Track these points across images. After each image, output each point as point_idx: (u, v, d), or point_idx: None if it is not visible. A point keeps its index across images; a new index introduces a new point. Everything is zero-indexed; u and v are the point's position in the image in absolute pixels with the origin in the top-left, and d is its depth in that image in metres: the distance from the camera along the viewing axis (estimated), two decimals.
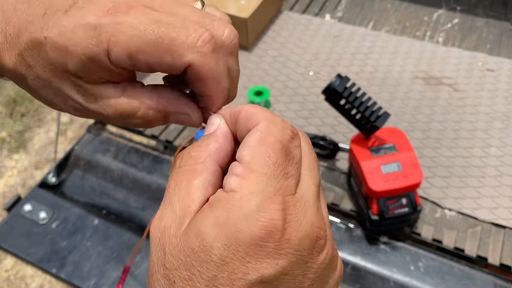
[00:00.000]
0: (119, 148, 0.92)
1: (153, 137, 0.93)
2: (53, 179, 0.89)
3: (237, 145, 0.26)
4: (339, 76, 0.70)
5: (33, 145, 1.93)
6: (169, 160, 0.90)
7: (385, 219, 0.71)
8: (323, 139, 0.83)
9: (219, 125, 0.27)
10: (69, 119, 1.98)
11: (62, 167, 0.91)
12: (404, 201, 0.71)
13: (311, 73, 1.02)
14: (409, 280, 0.72)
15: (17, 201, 0.85)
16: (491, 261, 0.72)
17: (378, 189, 0.69)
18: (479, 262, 0.73)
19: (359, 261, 0.74)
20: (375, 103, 0.71)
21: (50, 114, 2.06)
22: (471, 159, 0.84)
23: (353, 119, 0.71)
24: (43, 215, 0.82)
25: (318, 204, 0.24)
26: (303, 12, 1.18)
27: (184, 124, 0.29)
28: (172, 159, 0.90)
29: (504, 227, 0.76)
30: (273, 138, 0.23)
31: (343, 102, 0.71)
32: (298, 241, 0.22)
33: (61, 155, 0.94)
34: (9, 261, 1.59)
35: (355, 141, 0.74)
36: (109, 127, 0.98)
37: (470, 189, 0.80)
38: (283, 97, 0.97)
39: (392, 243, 0.76)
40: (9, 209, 0.84)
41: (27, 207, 0.83)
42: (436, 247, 0.75)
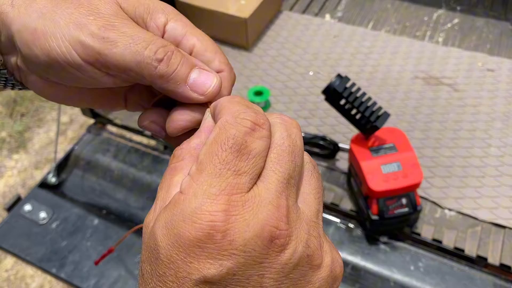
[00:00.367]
0: (119, 148, 0.92)
1: (153, 137, 0.93)
2: (53, 179, 0.89)
3: None
4: (339, 76, 0.70)
5: (33, 145, 1.93)
6: (169, 160, 0.90)
7: (385, 219, 0.71)
8: (323, 139, 0.83)
9: (206, 119, 0.27)
10: (69, 119, 1.98)
11: (62, 167, 0.91)
12: (404, 201, 0.71)
13: (311, 73, 1.02)
14: (409, 280, 0.72)
15: (17, 201, 0.85)
16: (491, 261, 0.72)
17: (378, 189, 0.69)
18: (479, 262, 0.73)
19: (359, 261, 0.74)
20: (375, 103, 0.71)
21: (50, 114, 2.06)
22: (471, 159, 0.84)
23: (353, 119, 0.72)
24: (43, 215, 0.82)
25: (279, 201, 0.22)
26: (303, 12, 1.18)
27: (199, 86, 0.27)
28: None
29: (504, 227, 0.76)
30: (225, 134, 0.23)
31: (343, 102, 0.71)
32: (243, 242, 0.21)
33: (61, 155, 0.94)
34: (9, 261, 1.59)
35: (355, 141, 0.74)
36: (109, 127, 0.98)
37: (470, 189, 0.80)
38: (283, 97, 0.97)
39: (392, 243, 0.76)
40: (9, 209, 0.84)
41: (27, 207, 0.83)
42: (436, 247, 0.75)
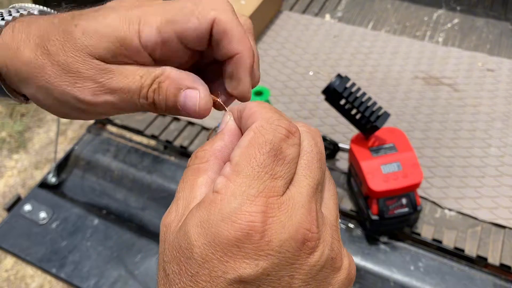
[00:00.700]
0: (119, 148, 0.92)
1: (153, 137, 0.93)
2: (53, 179, 0.89)
3: None
4: (339, 76, 0.70)
5: (33, 145, 1.93)
6: (169, 160, 0.90)
7: (385, 219, 0.71)
8: (323, 139, 0.83)
9: (227, 122, 0.28)
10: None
11: (62, 167, 0.91)
12: (404, 201, 0.71)
13: (311, 73, 1.02)
14: (409, 280, 0.72)
15: (17, 201, 0.85)
16: (491, 261, 0.72)
17: (378, 189, 0.69)
18: (479, 262, 0.73)
19: (359, 261, 0.74)
20: (375, 103, 0.71)
21: (50, 114, 2.05)
22: (471, 159, 0.84)
23: (353, 119, 0.71)
24: (43, 215, 0.82)
25: (310, 205, 0.23)
26: (303, 12, 1.18)
27: (190, 107, 0.29)
28: (172, 159, 0.90)
29: (504, 227, 0.76)
30: (263, 138, 0.24)
31: (343, 102, 0.71)
32: (279, 243, 0.22)
33: (61, 155, 0.94)
34: (9, 261, 1.59)
35: (355, 141, 0.74)
36: (109, 127, 0.98)
37: (470, 189, 0.80)
38: (283, 97, 0.97)
39: (392, 243, 0.76)
40: (9, 209, 0.84)
41: (27, 207, 0.83)
42: (436, 247, 0.75)
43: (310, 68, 1.03)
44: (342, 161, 0.85)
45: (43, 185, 0.88)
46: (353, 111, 0.71)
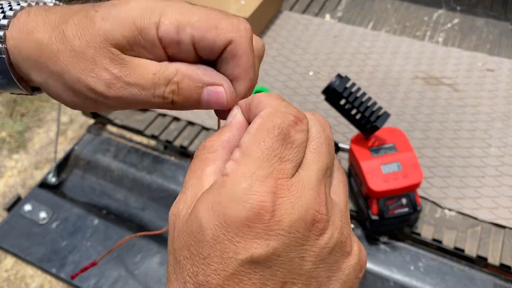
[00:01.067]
0: (119, 148, 0.92)
1: (153, 137, 0.93)
2: (53, 179, 0.89)
3: None
4: (339, 76, 0.70)
5: (33, 145, 1.93)
6: (169, 160, 0.90)
7: (385, 219, 0.71)
8: None
9: (235, 115, 0.28)
10: (69, 119, 1.98)
11: (62, 167, 0.91)
12: (404, 201, 0.71)
13: (311, 73, 1.02)
14: (409, 280, 0.72)
15: (17, 201, 0.85)
16: (491, 261, 0.72)
17: (378, 189, 0.69)
18: (479, 262, 0.73)
19: None
20: (375, 103, 0.71)
21: (50, 114, 2.06)
22: (471, 159, 0.84)
23: (353, 119, 0.71)
24: (43, 215, 0.82)
25: (319, 188, 0.24)
26: (303, 12, 1.18)
27: (215, 102, 0.29)
28: (172, 159, 0.90)
29: (504, 227, 0.76)
30: (271, 123, 0.24)
31: (343, 102, 0.71)
32: (289, 223, 0.22)
33: (61, 155, 0.94)
34: (9, 261, 1.59)
35: (355, 141, 0.74)
36: (109, 127, 0.98)
37: (470, 189, 0.80)
38: (283, 97, 0.97)
39: (392, 243, 0.76)
40: (9, 209, 0.84)
41: (27, 207, 0.83)
42: (436, 247, 0.75)
43: (310, 68, 1.03)
44: (342, 161, 0.86)
45: (43, 185, 0.88)
46: (353, 111, 0.71)
